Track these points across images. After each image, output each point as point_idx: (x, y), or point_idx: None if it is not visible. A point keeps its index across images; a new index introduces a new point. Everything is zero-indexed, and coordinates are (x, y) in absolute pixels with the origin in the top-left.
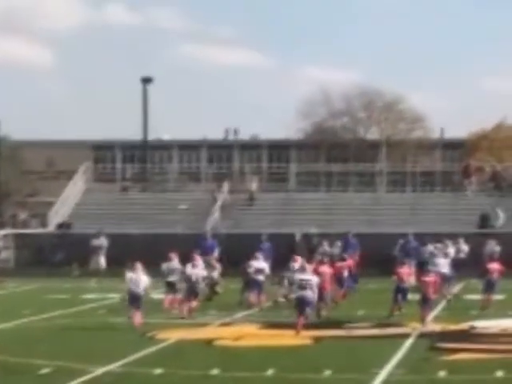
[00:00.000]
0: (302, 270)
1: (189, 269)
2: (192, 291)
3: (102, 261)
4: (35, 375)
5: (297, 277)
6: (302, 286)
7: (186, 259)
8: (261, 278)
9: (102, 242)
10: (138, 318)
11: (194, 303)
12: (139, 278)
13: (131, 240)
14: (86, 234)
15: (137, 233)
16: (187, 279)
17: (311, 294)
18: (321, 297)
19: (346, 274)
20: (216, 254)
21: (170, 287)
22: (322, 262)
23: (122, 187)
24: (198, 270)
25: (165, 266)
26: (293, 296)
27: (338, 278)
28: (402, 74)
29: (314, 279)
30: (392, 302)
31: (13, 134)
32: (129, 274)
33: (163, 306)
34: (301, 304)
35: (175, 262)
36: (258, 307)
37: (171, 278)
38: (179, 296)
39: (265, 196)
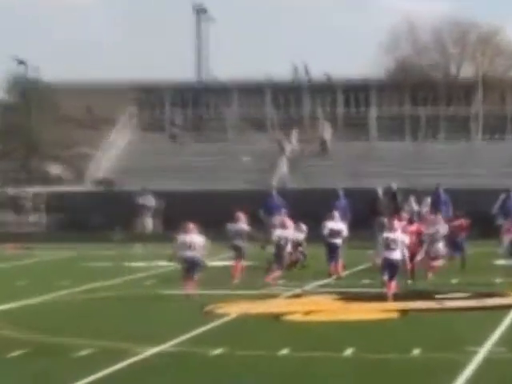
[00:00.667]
0: (391, 227)
1: (278, 231)
2: (279, 258)
3: (149, 223)
4: (73, 357)
5: (384, 235)
6: (389, 245)
7: (249, 221)
8: (338, 241)
9: (149, 200)
10: (191, 288)
11: (279, 272)
12: (193, 240)
13: (183, 198)
14: (130, 192)
15: (190, 190)
16: (276, 243)
17: (399, 256)
18: (409, 262)
19: (461, 235)
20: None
21: (238, 252)
22: (410, 222)
23: (172, 137)
24: (288, 232)
25: (230, 226)
26: (377, 261)
27: (452, 241)
28: (499, 1)
29: (403, 238)
30: None
31: (46, 76)
32: (181, 237)
33: (232, 273)
34: (388, 267)
35: (242, 223)
36: (335, 276)
37: (237, 242)
38: (243, 263)
39: (340, 146)
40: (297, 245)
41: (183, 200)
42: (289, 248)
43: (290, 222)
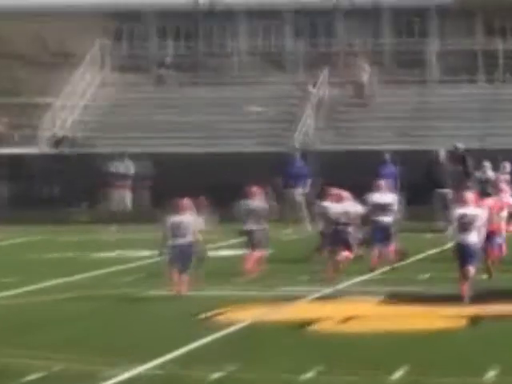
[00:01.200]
0: (463, 200)
1: (335, 206)
2: (340, 239)
3: (127, 198)
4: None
5: (457, 212)
6: (464, 225)
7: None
8: (386, 219)
9: (128, 168)
10: (184, 286)
11: (344, 258)
12: (187, 222)
13: (175, 165)
14: (102, 156)
15: (184, 153)
16: (328, 220)
17: (476, 239)
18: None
19: None
20: (307, 183)
21: (251, 238)
22: (485, 194)
23: (159, 80)
24: (347, 205)
25: (242, 205)
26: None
27: None
28: None
29: (482, 214)
30: None
31: None
32: (171, 218)
33: (242, 266)
34: (462, 254)
35: (258, 200)
36: (388, 266)
37: (250, 225)
38: (260, 252)
39: (386, 91)
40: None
41: (175, 167)
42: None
43: (345, 193)
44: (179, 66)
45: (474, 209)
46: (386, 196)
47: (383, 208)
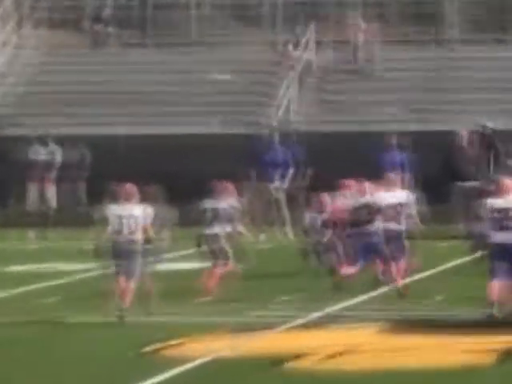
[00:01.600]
0: (499, 190)
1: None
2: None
3: (51, 194)
4: None
5: (489, 204)
6: (502, 221)
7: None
8: (396, 227)
9: (52, 154)
10: (127, 299)
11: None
12: (132, 213)
13: (116, 149)
14: (18, 139)
15: (129, 134)
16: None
17: None
18: None
19: None
20: (287, 180)
21: (213, 247)
22: None
23: (96, 40)
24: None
25: (205, 205)
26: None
27: None
28: None
29: None
30: None
31: None
32: (112, 208)
33: (204, 283)
34: (498, 258)
35: (227, 200)
36: (396, 285)
37: (214, 230)
38: (226, 265)
39: (391, 55)
40: None
41: (117, 154)
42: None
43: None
44: (121, 21)
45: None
46: (396, 194)
47: (393, 210)
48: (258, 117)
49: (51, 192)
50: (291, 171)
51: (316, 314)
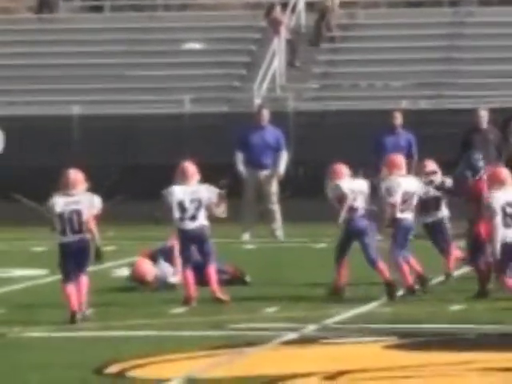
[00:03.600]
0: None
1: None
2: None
3: None
4: None
5: (500, 200)
6: None
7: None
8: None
9: None
10: (78, 300)
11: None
12: (80, 201)
13: (66, 129)
14: None
15: (80, 114)
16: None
17: None
18: None
19: None
20: (282, 166)
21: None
22: None
23: (40, 2)
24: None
25: (172, 192)
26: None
27: None
28: None
29: None
30: None
31: None
32: (56, 200)
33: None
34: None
35: (194, 186)
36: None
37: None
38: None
39: (397, 19)
40: None
41: (67, 138)
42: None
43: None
44: None
45: None
46: (410, 181)
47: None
48: (239, 93)
49: None
50: (285, 155)
51: (311, 327)
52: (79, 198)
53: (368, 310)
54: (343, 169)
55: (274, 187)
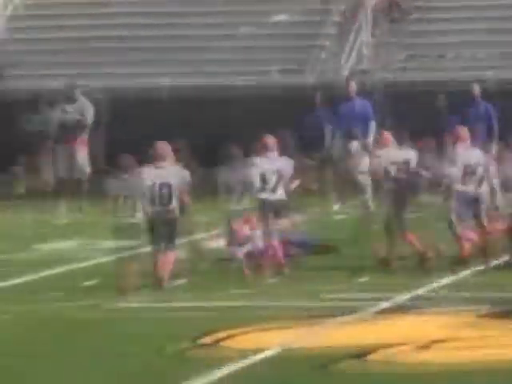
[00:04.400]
0: None
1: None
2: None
3: (82, 158)
4: None
5: None
6: None
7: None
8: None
9: (82, 111)
10: (165, 268)
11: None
12: (170, 173)
13: (142, 104)
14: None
15: (158, 86)
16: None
17: None
18: None
19: None
20: (371, 137)
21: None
22: None
23: None
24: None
25: (258, 164)
26: None
27: None
28: None
29: None
30: None
31: None
32: (145, 171)
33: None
34: None
35: (274, 159)
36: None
37: (266, 195)
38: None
39: None
40: None
41: (143, 109)
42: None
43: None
44: None
45: None
46: (473, 152)
47: (472, 172)
48: (325, 65)
49: (81, 156)
50: (373, 125)
51: (404, 296)
52: (168, 171)
53: (460, 279)
54: (390, 137)
55: (363, 158)
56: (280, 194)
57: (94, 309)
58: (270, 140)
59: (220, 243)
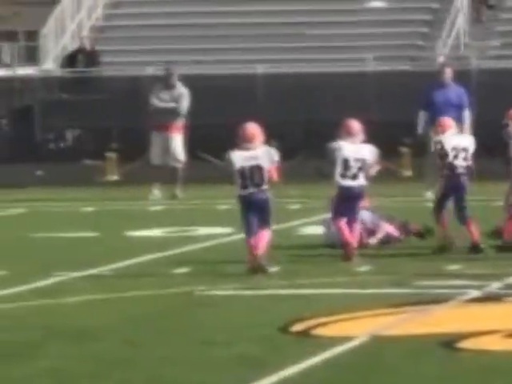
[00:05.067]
0: None
1: None
2: None
3: (177, 145)
4: None
5: None
6: None
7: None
8: None
9: (177, 98)
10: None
11: None
12: (260, 154)
13: (250, 88)
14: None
15: (261, 73)
16: None
17: None
18: None
19: None
20: (466, 124)
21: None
22: None
23: None
24: None
25: (343, 149)
26: None
27: None
28: None
29: None
30: None
31: None
32: (235, 154)
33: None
34: None
35: (358, 145)
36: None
37: (346, 182)
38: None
39: None
40: None
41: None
42: None
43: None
44: None
45: None
46: None
47: None
48: (421, 51)
49: (177, 142)
50: (468, 113)
51: (495, 285)
52: (258, 152)
53: None
54: (449, 123)
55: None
56: (360, 180)
57: (185, 296)
58: (355, 125)
59: (318, 230)
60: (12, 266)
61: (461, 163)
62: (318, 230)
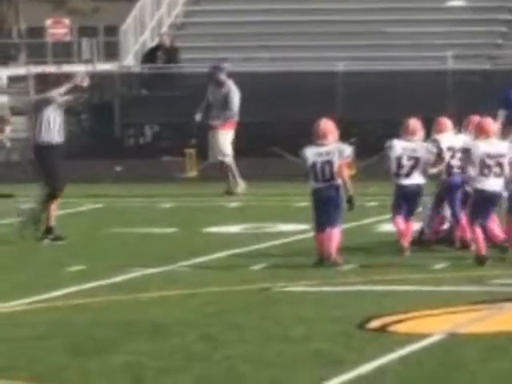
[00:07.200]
0: None
1: None
2: None
3: (222, 142)
4: None
5: None
6: None
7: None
8: None
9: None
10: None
11: None
12: (332, 150)
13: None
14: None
15: (341, 70)
16: None
17: None
18: None
19: None
20: None
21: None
22: None
23: None
24: None
25: (395, 148)
26: None
27: None
28: None
29: None
30: None
31: None
32: (308, 150)
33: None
34: None
35: (414, 144)
36: None
37: (400, 180)
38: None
39: None
40: None
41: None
42: None
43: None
44: None
45: None
46: None
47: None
48: (500, 50)
49: (224, 140)
50: None
51: None
52: (330, 148)
53: None
54: (447, 122)
55: None
56: (415, 179)
57: (262, 292)
58: (414, 123)
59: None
60: (90, 261)
61: (457, 163)
62: (393, 227)
